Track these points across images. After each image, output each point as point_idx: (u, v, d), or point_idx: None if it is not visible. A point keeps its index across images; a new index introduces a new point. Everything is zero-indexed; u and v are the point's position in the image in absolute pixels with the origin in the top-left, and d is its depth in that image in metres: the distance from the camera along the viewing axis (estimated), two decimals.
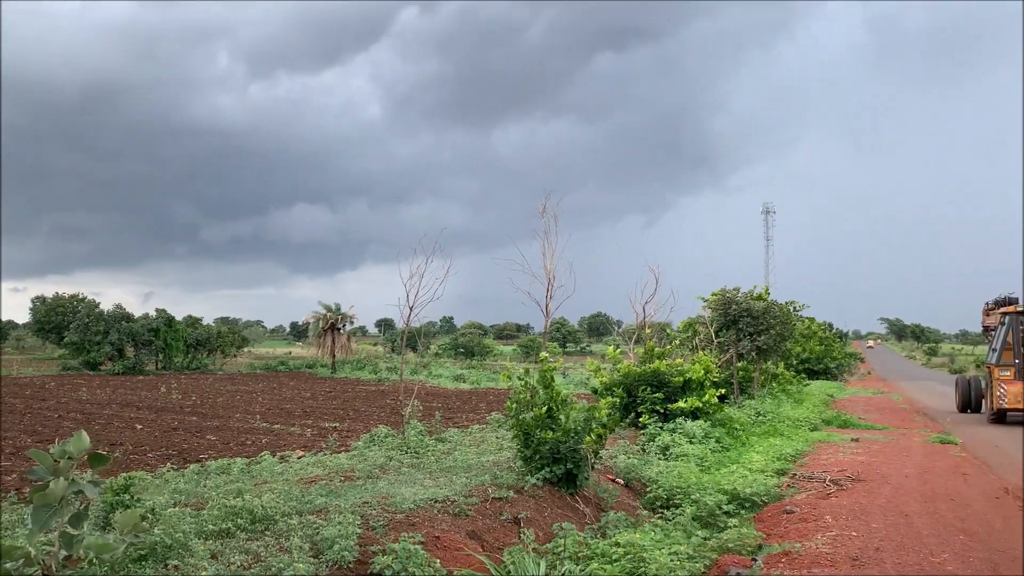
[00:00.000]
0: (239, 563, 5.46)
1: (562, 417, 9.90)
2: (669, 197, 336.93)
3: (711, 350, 22.66)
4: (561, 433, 9.61)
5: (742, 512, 10.15)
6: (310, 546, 6.00)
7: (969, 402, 26.48)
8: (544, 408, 9.82)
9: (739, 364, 23.10)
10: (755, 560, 7.75)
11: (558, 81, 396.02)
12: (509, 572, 6.79)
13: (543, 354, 11.09)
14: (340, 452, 12.82)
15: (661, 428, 14.94)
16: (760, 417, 18.90)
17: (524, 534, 7.60)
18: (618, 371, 17.20)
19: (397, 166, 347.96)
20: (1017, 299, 24.55)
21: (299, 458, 12.14)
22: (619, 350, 18.63)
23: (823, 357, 44.63)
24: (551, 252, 13.18)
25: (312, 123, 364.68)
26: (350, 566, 5.93)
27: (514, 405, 10.13)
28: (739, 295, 23.03)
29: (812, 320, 46.00)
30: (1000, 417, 22.70)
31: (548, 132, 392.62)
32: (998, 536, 8.44)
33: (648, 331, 20.00)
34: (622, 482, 11.19)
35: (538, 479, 9.35)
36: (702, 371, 16.69)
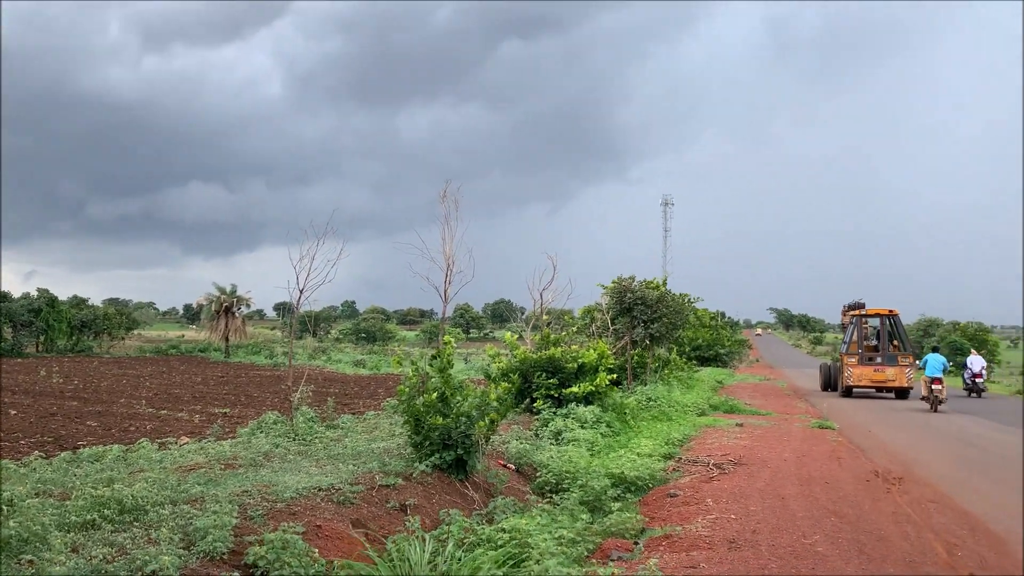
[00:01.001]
0: (101, 556, 5.18)
1: (456, 401, 9.83)
2: (573, 186, 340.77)
3: (607, 337, 23.04)
4: (452, 419, 9.53)
5: (628, 496, 10.35)
6: (181, 537, 5.76)
7: (829, 382, 32.80)
8: (435, 394, 9.73)
9: (633, 351, 23.57)
10: (637, 543, 7.92)
11: (465, 67, 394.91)
12: (392, 560, 6.70)
13: (447, 337, 10.97)
14: (225, 439, 12.42)
15: (555, 413, 15.09)
16: (651, 402, 19.32)
17: (410, 521, 7.53)
18: (515, 357, 17.27)
19: (298, 146, 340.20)
20: (864, 304, 31.47)
21: (182, 445, 11.70)
22: (516, 336, 18.70)
23: (714, 344, 46.13)
24: (450, 237, 13.08)
25: (209, 99, 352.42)
26: (224, 557, 5.71)
27: (406, 390, 10.01)
28: (634, 283, 23.50)
29: (705, 311, 47.49)
30: (848, 392, 29.64)
31: (456, 118, 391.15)
32: (866, 517, 8.85)
33: (547, 318, 20.15)
34: (513, 467, 11.23)
35: (428, 465, 9.27)
36: (596, 356, 16.92)
